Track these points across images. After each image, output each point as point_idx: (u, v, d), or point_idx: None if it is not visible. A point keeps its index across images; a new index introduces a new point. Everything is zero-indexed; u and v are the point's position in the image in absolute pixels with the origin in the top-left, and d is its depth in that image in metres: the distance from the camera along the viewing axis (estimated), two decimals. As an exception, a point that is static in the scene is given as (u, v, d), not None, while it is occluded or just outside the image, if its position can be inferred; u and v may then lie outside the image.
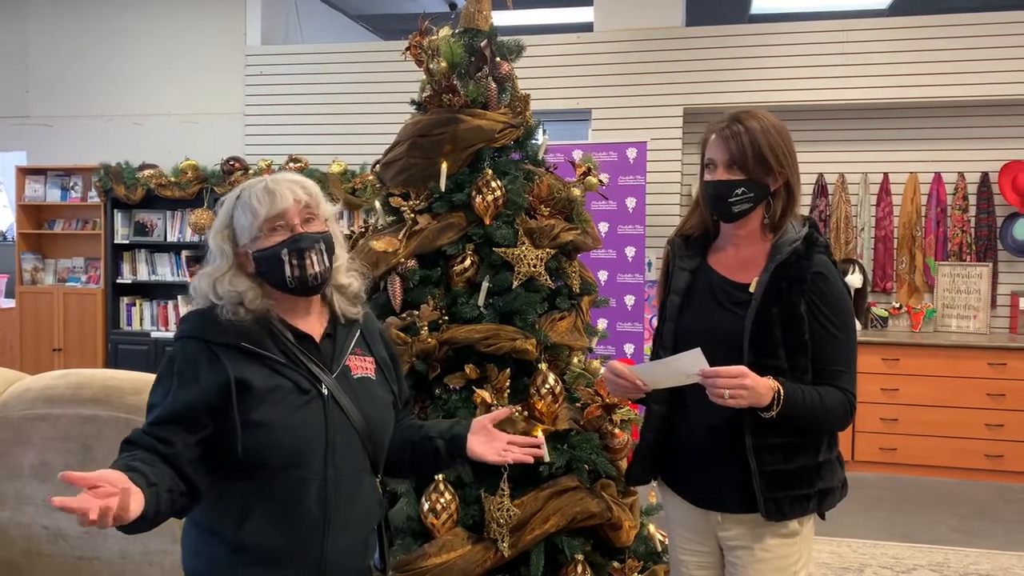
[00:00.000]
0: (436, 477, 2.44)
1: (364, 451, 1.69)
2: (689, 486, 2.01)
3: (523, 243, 2.67)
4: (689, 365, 1.78)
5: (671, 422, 2.02)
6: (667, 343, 2.01)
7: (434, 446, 1.81)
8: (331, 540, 1.61)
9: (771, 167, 1.89)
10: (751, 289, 1.90)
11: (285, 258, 1.60)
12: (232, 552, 1.58)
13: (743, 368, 1.76)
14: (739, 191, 1.90)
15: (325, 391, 1.63)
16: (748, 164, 1.88)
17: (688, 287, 2.01)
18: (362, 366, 1.74)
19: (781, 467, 1.87)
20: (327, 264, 1.65)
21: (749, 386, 1.75)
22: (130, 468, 1.42)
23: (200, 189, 6.47)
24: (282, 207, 1.61)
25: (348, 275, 1.75)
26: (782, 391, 1.79)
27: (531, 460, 1.82)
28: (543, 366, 2.61)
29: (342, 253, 1.75)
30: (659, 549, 2.84)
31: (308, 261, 1.61)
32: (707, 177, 1.95)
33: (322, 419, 1.61)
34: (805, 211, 5.94)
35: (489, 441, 1.82)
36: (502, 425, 2.45)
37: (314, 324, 1.71)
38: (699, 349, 1.77)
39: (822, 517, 1.96)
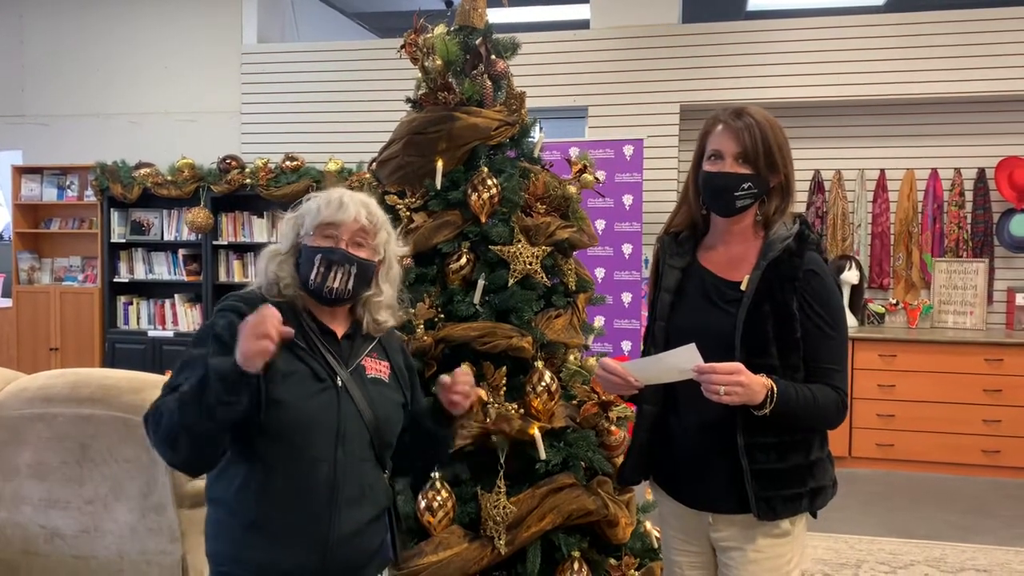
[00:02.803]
0: (432, 475, 2.44)
1: (371, 444, 1.78)
2: (681, 487, 2.00)
3: (519, 241, 2.67)
4: (684, 360, 1.78)
5: (663, 422, 2.01)
6: (658, 341, 2.00)
7: (428, 429, 1.90)
8: (338, 519, 1.71)
9: (776, 164, 1.89)
10: (743, 287, 1.89)
11: (315, 263, 1.72)
12: (245, 530, 1.68)
13: (739, 365, 1.76)
14: (746, 185, 1.88)
15: (339, 383, 1.74)
16: (759, 159, 1.87)
17: (679, 285, 2.00)
18: (376, 368, 1.84)
19: (773, 466, 1.86)
20: (349, 286, 1.74)
21: (744, 383, 1.74)
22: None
23: (197, 188, 6.45)
24: (340, 218, 1.74)
25: (387, 313, 1.85)
26: (775, 389, 1.78)
27: (466, 398, 1.84)
28: (539, 364, 2.62)
29: (388, 291, 1.84)
30: (655, 546, 2.85)
31: (332, 274, 1.72)
32: (711, 168, 1.92)
33: (335, 408, 1.72)
34: (801, 208, 5.97)
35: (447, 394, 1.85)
36: (498, 422, 2.47)
37: (338, 325, 1.83)
38: (693, 344, 1.76)
39: (814, 516, 1.95)
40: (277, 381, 1.66)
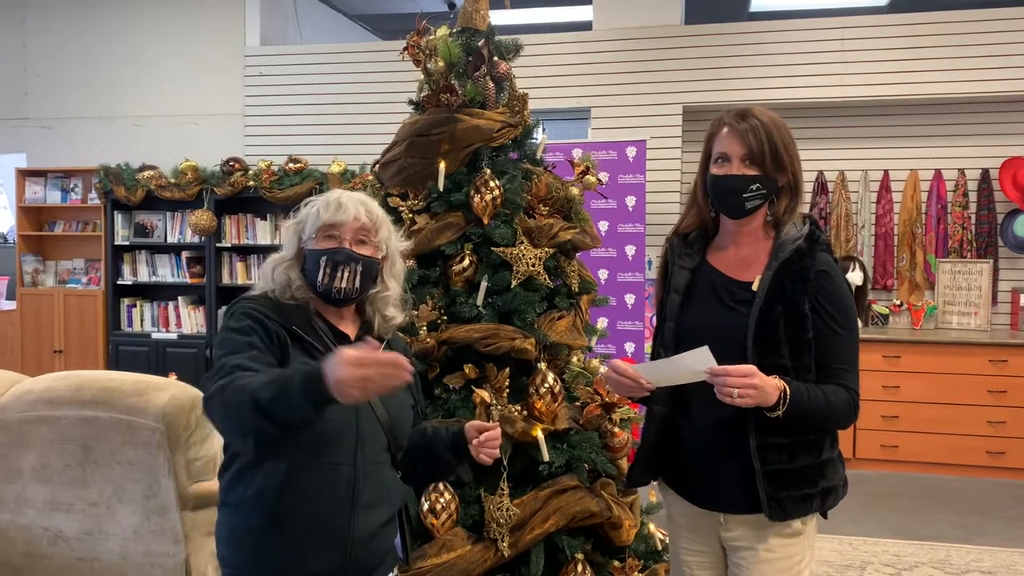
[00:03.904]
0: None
1: (388, 447, 1.80)
2: (692, 486, 2.00)
3: (522, 242, 2.67)
4: (697, 363, 1.77)
5: (672, 423, 2.01)
6: (668, 342, 1.99)
7: (443, 458, 1.90)
8: (357, 522, 1.71)
9: (784, 164, 1.89)
10: (754, 287, 1.89)
11: (321, 264, 1.74)
12: (263, 535, 1.67)
13: (752, 368, 1.76)
14: (754, 187, 1.88)
15: None
16: (765, 160, 1.87)
17: (688, 285, 2.00)
18: None
19: (784, 466, 1.86)
20: (357, 285, 1.76)
21: (758, 385, 1.74)
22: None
23: (200, 190, 6.46)
24: (340, 219, 1.75)
25: (395, 308, 1.88)
26: (788, 390, 1.78)
27: (493, 456, 1.86)
28: (542, 365, 2.61)
29: (394, 286, 1.87)
30: (659, 548, 2.84)
31: (338, 274, 1.74)
32: (718, 171, 1.92)
33: (353, 411, 1.71)
34: (804, 209, 5.95)
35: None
36: (501, 424, 2.46)
37: (348, 327, 1.85)
38: (707, 347, 1.76)
39: (824, 516, 1.95)
40: None
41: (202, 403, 1.61)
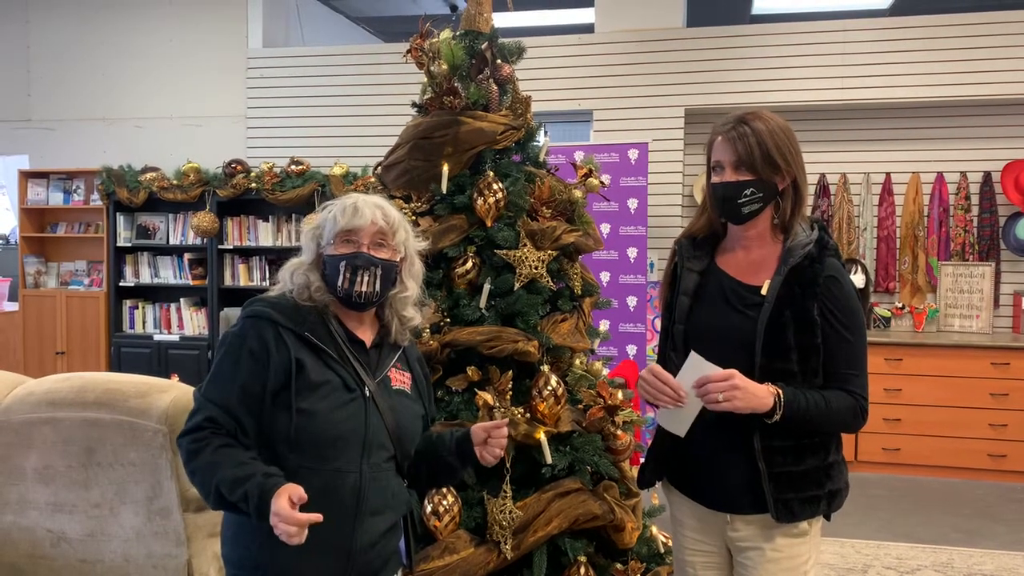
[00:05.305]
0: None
1: (393, 455, 1.80)
2: (699, 487, 2.00)
3: (525, 245, 2.68)
4: (698, 371, 1.78)
5: None
6: (678, 344, 2.00)
7: (447, 463, 1.91)
8: (361, 527, 1.73)
9: (778, 166, 1.89)
10: (763, 292, 1.90)
11: (341, 270, 1.76)
12: (268, 537, 1.66)
13: (732, 371, 1.77)
14: (748, 192, 1.89)
15: (367, 393, 1.77)
16: (756, 164, 1.88)
17: (697, 288, 2.01)
18: (401, 379, 1.87)
19: (790, 469, 1.87)
20: (377, 288, 1.78)
21: (739, 386, 1.75)
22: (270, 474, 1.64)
23: (202, 192, 6.47)
24: (357, 224, 1.77)
25: (413, 309, 1.89)
26: (781, 396, 1.79)
27: (497, 456, 1.88)
28: (545, 368, 2.62)
29: (413, 286, 1.89)
30: (662, 551, 2.84)
31: (359, 279, 1.76)
32: (714, 179, 1.94)
33: (362, 418, 1.74)
34: (807, 211, 5.96)
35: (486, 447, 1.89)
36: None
37: (365, 332, 1.86)
38: (693, 353, 1.77)
39: (827, 518, 1.96)
40: (306, 391, 1.69)
41: (178, 437, 1.71)
